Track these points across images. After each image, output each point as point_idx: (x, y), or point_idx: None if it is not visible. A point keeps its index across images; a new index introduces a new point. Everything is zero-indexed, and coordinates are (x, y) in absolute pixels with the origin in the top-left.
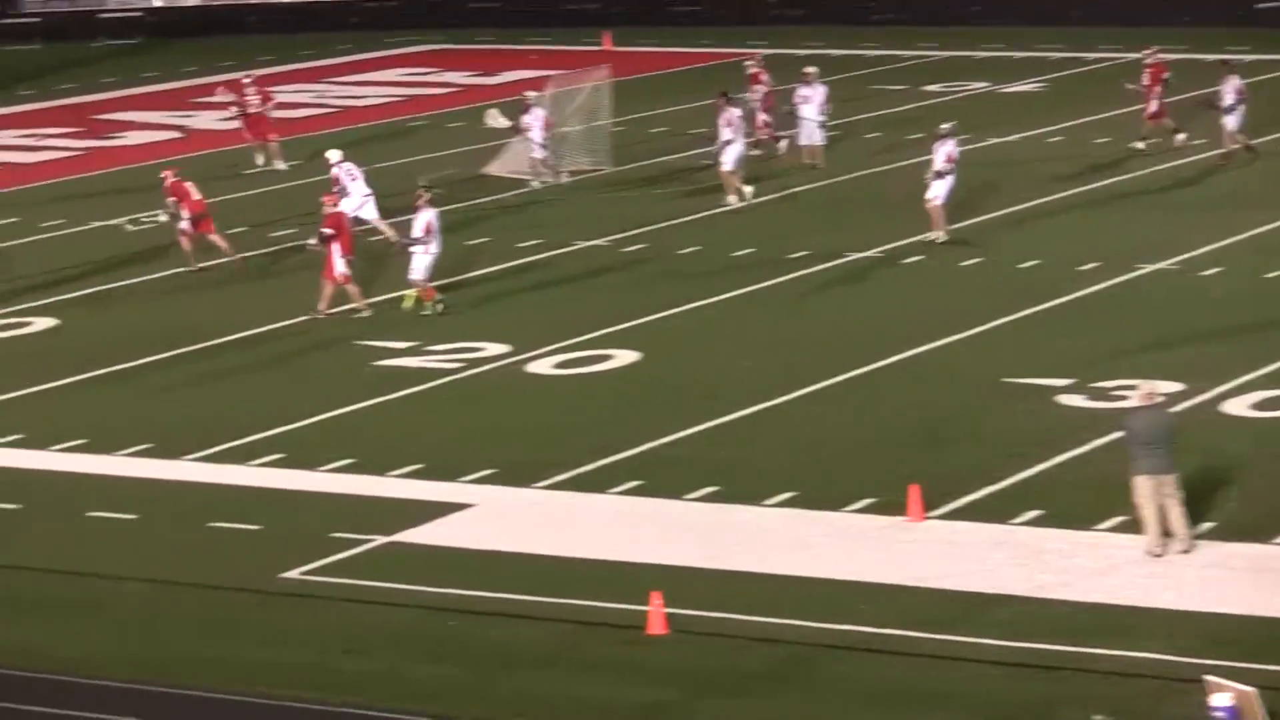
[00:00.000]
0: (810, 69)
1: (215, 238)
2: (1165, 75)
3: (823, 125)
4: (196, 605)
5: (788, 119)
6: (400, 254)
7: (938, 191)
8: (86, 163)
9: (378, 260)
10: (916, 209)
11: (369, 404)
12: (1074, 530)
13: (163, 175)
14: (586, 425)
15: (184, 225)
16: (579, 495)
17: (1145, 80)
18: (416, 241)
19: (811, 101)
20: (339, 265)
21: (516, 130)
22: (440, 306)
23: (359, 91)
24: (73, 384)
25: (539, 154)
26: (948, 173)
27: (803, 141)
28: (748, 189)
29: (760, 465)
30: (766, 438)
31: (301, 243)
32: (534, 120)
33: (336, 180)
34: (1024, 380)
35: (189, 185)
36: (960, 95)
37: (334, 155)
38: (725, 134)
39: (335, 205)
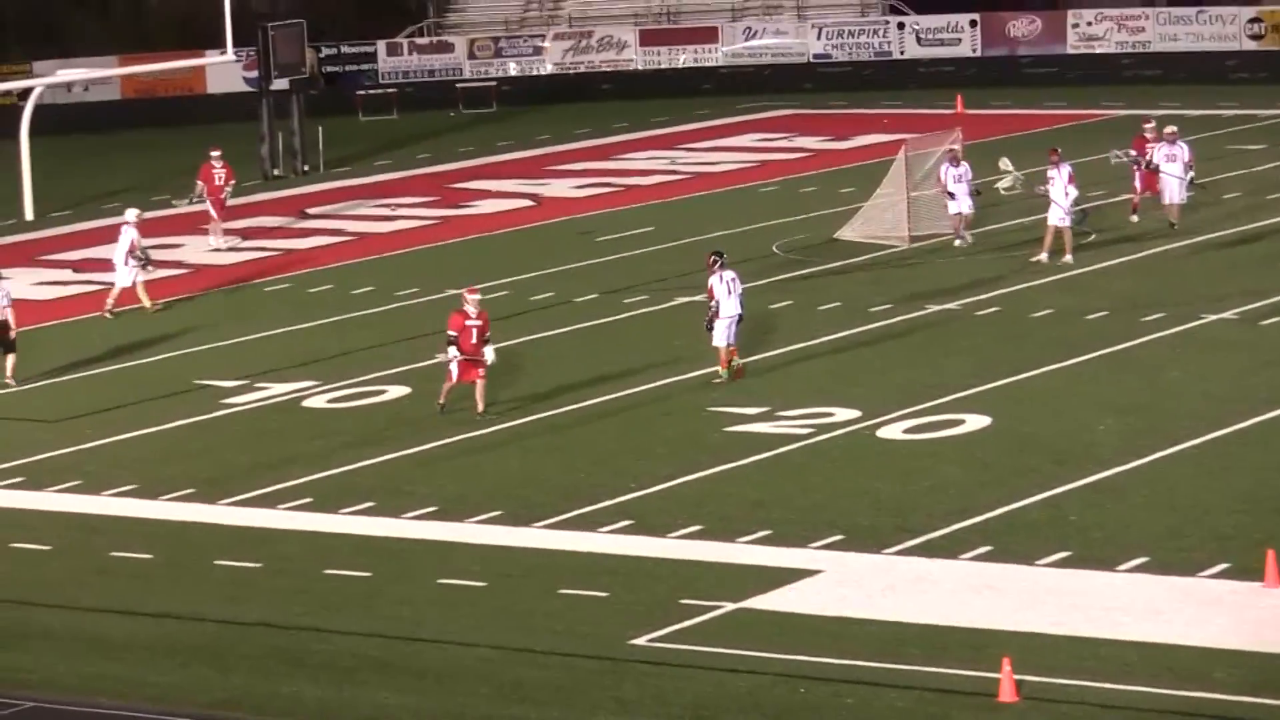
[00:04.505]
0: (1171, 128)
1: None
2: None
3: (1190, 183)
4: (547, 672)
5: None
6: None
7: None
8: (441, 232)
9: None
10: (1275, 270)
11: (718, 470)
12: None
13: None
14: (936, 490)
15: None
16: (929, 560)
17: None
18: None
19: (1177, 160)
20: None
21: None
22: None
23: (712, 157)
24: (426, 450)
25: (968, 210)
26: None
27: (1166, 201)
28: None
29: (1113, 530)
30: (1119, 502)
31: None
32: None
33: None
34: None
35: None
36: None
37: None
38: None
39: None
